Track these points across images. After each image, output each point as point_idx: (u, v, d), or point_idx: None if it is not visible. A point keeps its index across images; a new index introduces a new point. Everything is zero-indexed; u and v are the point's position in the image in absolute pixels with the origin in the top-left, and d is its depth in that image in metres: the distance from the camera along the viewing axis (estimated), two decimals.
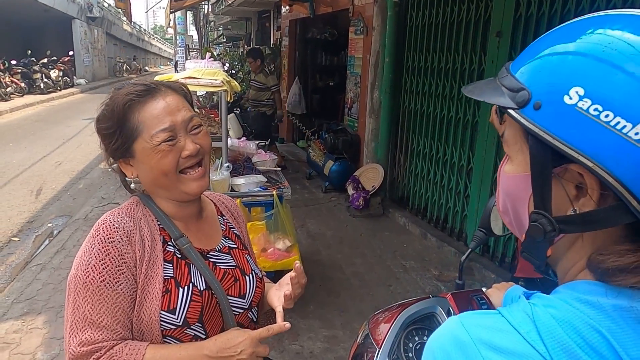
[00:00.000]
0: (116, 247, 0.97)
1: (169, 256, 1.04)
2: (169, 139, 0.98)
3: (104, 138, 1.03)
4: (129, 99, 0.99)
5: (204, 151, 1.04)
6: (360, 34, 6.17)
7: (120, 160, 1.05)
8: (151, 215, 1.06)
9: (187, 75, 3.00)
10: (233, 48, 18.26)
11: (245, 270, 1.16)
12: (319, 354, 2.93)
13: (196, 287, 1.03)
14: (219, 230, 1.19)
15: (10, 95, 14.35)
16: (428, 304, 1.03)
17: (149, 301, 0.99)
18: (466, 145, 4.35)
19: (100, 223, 1.01)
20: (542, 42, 0.57)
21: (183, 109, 1.03)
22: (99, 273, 0.96)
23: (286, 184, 3.36)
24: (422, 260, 4.32)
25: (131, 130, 0.99)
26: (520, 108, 0.55)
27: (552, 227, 0.55)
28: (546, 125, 0.52)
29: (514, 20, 3.66)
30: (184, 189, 1.02)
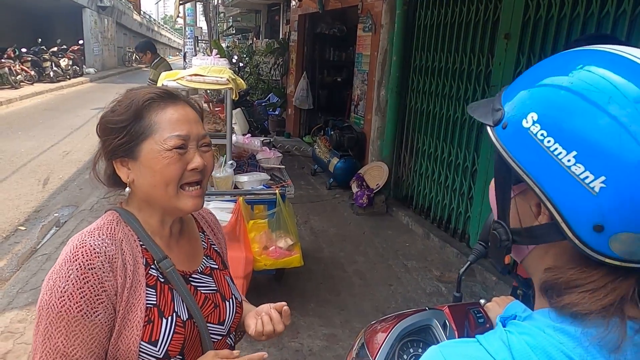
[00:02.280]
0: (96, 275, 0.90)
1: (152, 280, 0.98)
2: (181, 147, 0.95)
3: (110, 132, 0.97)
4: (150, 97, 0.97)
5: (207, 171, 1.01)
6: (368, 31, 6.14)
7: (118, 160, 0.98)
8: (133, 235, 0.99)
9: (193, 72, 3.01)
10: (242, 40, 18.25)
11: (226, 294, 1.12)
12: (318, 352, 2.95)
13: (179, 317, 0.98)
14: (201, 248, 1.14)
15: (20, 83, 14.43)
16: (424, 316, 1.04)
17: (129, 330, 0.93)
18: (471, 147, 4.34)
19: (78, 245, 0.91)
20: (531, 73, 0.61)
21: (199, 124, 1.02)
22: (75, 302, 0.88)
23: (289, 183, 3.37)
24: (424, 261, 4.33)
25: (144, 128, 0.95)
26: (494, 126, 0.60)
27: (506, 236, 0.61)
28: (507, 144, 0.57)
29: (523, 22, 3.64)
30: (179, 204, 0.97)
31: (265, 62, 11.58)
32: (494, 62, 3.98)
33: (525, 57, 3.61)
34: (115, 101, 1.01)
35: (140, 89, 1.02)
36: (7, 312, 3.18)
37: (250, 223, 3.01)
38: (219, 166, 3.14)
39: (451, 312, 1.09)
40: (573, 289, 0.54)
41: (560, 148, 0.51)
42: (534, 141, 0.53)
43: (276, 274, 3.55)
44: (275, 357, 2.86)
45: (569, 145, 0.51)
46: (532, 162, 0.54)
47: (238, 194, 3.02)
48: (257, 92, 10.92)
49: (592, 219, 0.50)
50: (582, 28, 3.18)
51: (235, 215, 2.88)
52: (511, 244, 0.61)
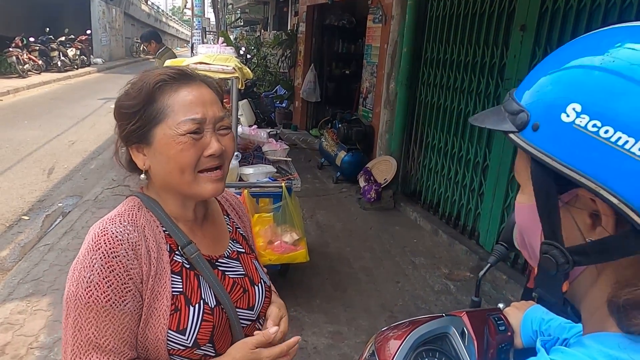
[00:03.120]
0: (121, 263, 0.87)
1: (177, 267, 0.95)
2: (195, 131, 0.89)
3: (123, 117, 0.93)
4: (161, 79, 0.91)
5: (227, 155, 0.95)
6: (378, 22, 6.02)
7: (134, 146, 0.95)
8: (155, 221, 0.96)
9: (199, 60, 2.93)
10: (250, 32, 18.13)
11: (254, 279, 1.08)
12: (323, 350, 2.88)
13: (207, 304, 0.95)
14: (226, 232, 1.10)
15: (27, 73, 14.42)
16: (441, 323, 0.96)
17: (156, 319, 0.90)
18: (483, 142, 4.23)
19: (99, 234, 0.89)
20: (541, 66, 0.54)
21: (216, 105, 0.95)
22: (103, 292, 0.86)
23: (296, 176, 3.29)
24: (432, 258, 4.24)
25: (156, 112, 0.90)
26: (520, 131, 0.51)
27: (564, 258, 0.50)
28: (545, 146, 0.48)
29: (540, 13, 3.51)
30: (198, 189, 0.93)
31: (272, 54, 11.48)
32: (508, 55, 3.85)
33: (542, 49, 3.48)
34: (129, 83, 0.96)
35: (155, 69, 0.96)
36: (7, 303, 3.13)
37: (255, 217, 2.93)
38: None
39: (470, 318, 1.00)
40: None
41: (625, 136, 0.43)
42: (585, 135, 0.45)
43: (281, 269, 3.48)
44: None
45: (635, 132, 0.43)
46: (589, 160, 0.45)
47: (243, 187, 2.94)
48: (264, 84, 10.84)
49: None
50: (603, 20, 3.05)
51: None
52: (572, 267, 0.51)
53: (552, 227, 0.51)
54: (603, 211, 0.47)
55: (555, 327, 0.96)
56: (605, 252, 0.48)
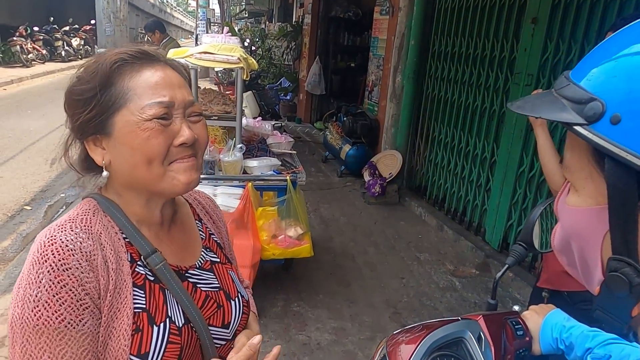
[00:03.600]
0: (74, 276, 0.73)
1: (140, 280, 0.81)
2: (163, 117, 0.78)
3: (76, 105, 0.80)
4: (119, 58, 0.79)
5: (200, 146, 0.84)
6: (385, 14, 5.93)
7: (90, 139, 0.81)
8: (114, 227, 0.82)
9: (203, 49, 2.87)
10: (255, 24, 18.01)
11: (231, 293, 0.95)
12: (326, 346, 2.84)
13: (174, 322, 0.82)
14: (198, 239, 0.97)
15: (31, 62, 14.39)
16: (456, 327, 0.90)
17: (115, 341, 0.77)
18: (491, 137, 4.16)
19: (46, 243, 0.75)
20: (611, 43, 0.45)
21: (185, 88, 0.84)
22: (55, 312, 0.72)
23: (301, 169, 3.23)
24: (437, 254, 4.19)
25: (116, 97, 0.78)
26: (591, 123, 0.43)
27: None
28: (630, 143, 0.40)
29: (552, 5, 3.42)
30: (169, 183, 0.80)
31: (277, 46, 11.39)
32: (518, 48, 3.77)
33: (554, 43, 3.40)
34: (82, 67, 0.82)
35: (111, 49, 0.83)
36: (7, 295, 3.10)
37: (259, 210, 2.88)
38: (227, 150, 3.01)
39: (486, 322, 0.95)
40: None
41: None
42: None
43: (284, 264, 3.44)
44: (282, 350, 2.75)
45: None
46: None
47: (247, 180, 2.89)
48: (268, 76, 10.76)
49: None
50: (619, 13, 2.97)
51: (244, 201, 2.75)
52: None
53: (625, 239, 0.44)
54: None
55: (577, 336, 0.91)
56: None
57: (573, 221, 0.50)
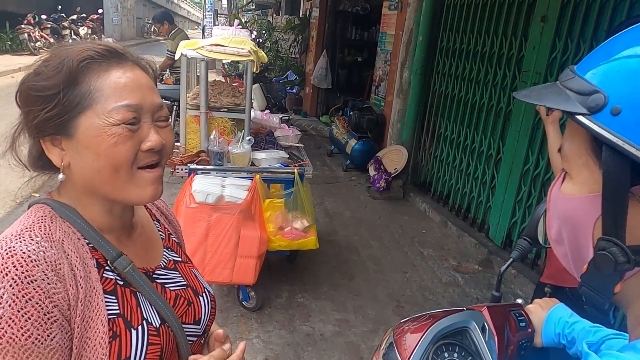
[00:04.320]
0: (40, 288, 0.68)
1: (110, 285, 0.78)
2: (131, 122, 0.74)
3: (35, 102, 0.74)
4: (87, 56, 0.74)
5: (166, 151, 0.81)
6: (394, 9, 5.93)
7: (47, 138, 0.76)
8: (75, 232, 0.78)
9: (214, 42, 2.89)
10: (262, 16, 17.97)
11: (198, 289, 0.95)
12: (329, 337, 2.89)
13: (151, 324, 0.80)
14: (159, 240, 0.96)
15: (39, 50, 14.39)
16: (461, 317, 0.94)
17: (91, 351, 0.73)
18: (497, 134, 4.17)
19: (4, 255, 0.68)
20: (618, 41, 0.49)
21: (153, 91, 0.80)
22: (20, 328, 0.66)
23: (308, 162, 3.27)
24: (440, 249, 4.22)
25: (81, 97, 0.73)
26: (592, 114, 0.46)
27: (625, 257, 0.46)
28: (628, 133, 0.44)
29: (562, 4, 3.42)
30: (135, 192, 0.78)
31: (284, 39, 11.38)
32: (527, 46, 3.78)
33: (562, 41, 3.41)
34: (41, 60, 0.77)
35: (75, 44, 0.78)
36: None
37: (266, 202, 2.91)
38: (236, 142, 3.04)
39: (490, 313, 0.99)
40: None
41: None
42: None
43: (289, 255, 3.48)
44: (285, 340, 2.81)
45: None
46: None
47: (255, 172, 2.93)
48: (275, 69, 10.76)
49: None
50: (628, 12, 2.97)
51: (251, 193, 2.79)
52: (632, 267, 0.47)
53: (615, 222, 0.47)
54: None
55: (579, 331, 0.94)
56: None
57: (567, 209, 0.53)
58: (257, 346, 2.74)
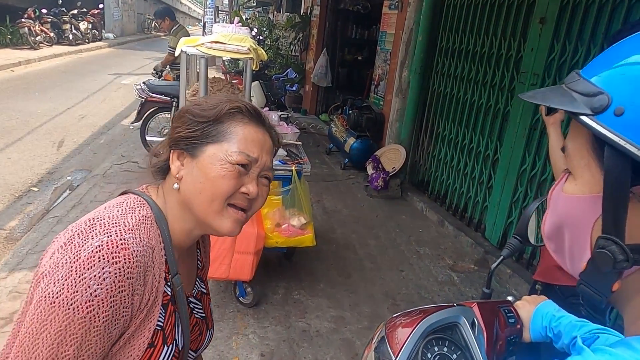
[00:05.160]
0: (132, 286, 0.78)
1: (166, 299, 0.87)
2: (244, 165, 0.88)
3: (185, 121, 0.90)
4: (237, 107, 0.91)
5: (257, 205, 0.93)
6: (394, 8, 5.95)
7: (177, 150, 0.91)
8: (160, 243, 0.87)
9: (214, 39, 2.91)
10: (263, 13, 17.96)
11: (209, 324, 1.06)
12: (325, 334, 2.91)
13: (177, 346, 0.89)
14: (195, 268, 1.05)
15: (39, 45, 14.40)
16: (451, 313, 0.96)
17: (130, 350, 0.82)
18: (494, 135, 4.20)
19: (118, 244, 0.77)
20: (624, 46, 0.50)
21: (271, 155, 0.95)
22: (104, 311, 0.75)
23: (306, 160, 3.28)
24: (437, 248, 4.25)
25: (217, 132, 0.88)
26: (596, 114, 0.48)
27: (624, 255, 0.47)
28: (629, 134, 0.45)
29: (561, 6, 3.45)
30: (218, 222, 0.89)
31: (285, 37, 11.38)
32: (525, 48, 3.80)
33: (560, 43, 3.43)
34: (205, 97, 0.99)
35: (232, 97, 0.96)
36: (16, 272, 3.18)
37: None
38: None
39: (480, 309, 1.01)
40: None
41: None
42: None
43: (287, 252, 3.50)
44: (281, 336, 2.83)
45: None
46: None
47: None
48: (275, 66, 10.77)
49: None
50: (626, 16, 3.00)
51: None
52: (631, 265, 0.48)
53: (615, 221, 0.48)
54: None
55: (565, 325, 0.96)
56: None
57: (568, 207, 0.54)
58: (253, 342, 2.76)
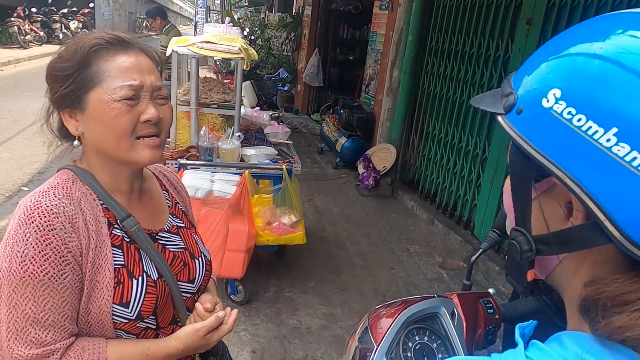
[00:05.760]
0: (58, 235, 0.84)
1: (117, 241, 0.93)
2: (131, 98, 0.88)
3: (55, 80, 0.90)
4: (97, 43, 0.89)
5: (164, 125, 0.94)
6: (385, 9, 6.00)
7: (66, 110, 0.92)
8: (92, 194, 0.93)
9: (205, 39, 2.93)
10: (254, 13, 17.96)
11: (195, 253, 1.10)
12: (316, 331, 2.95)
13: (150, 277, 0.95)
14: (165, 207, 1.10)
15: (28, 44, 14.30)
16: (432, 303, 1.00)
17: (99, 292, 0.89)
18: (483, 134, 4.26)
19: (32, 207, 0.84)
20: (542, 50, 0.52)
21: (154, 74, 0.93)
22: (40, 266, 0.83)
23: (297, 159, 3.32)
24: (427, 246, 4.30)
25: (90, 76, 0.88)
26: (506, 113, 0.50)
27: (528, 246, 0.50)
28: (525, 131, 0.47)
29: (547, 8, 3.51)
30: (135, 156, 0.91)
31: (276, 37, 11.41)
32: (513, 48, 3.86)
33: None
34: (63, 46, 0.93)
35: (90, 34, 0.93)
36: None
37: (255, 197, 2.97)
38: (226, 138, 3.09)
39: (460, 300, 1.05)
40: (623, 307, 0.42)
41: (596, 126, 0.41)
42: (560, 122, 0.44)
43: (278, 250, 3.53)
44: (272, 333, 2.86)
45: (606, 122, 0.41)
46: (560, 148, 0.44)
47: (244, 167, 2.98)
48: (267, 66, 10.78)
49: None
50: None
51: (240, 188, 2.83)
52: (535, 255, 0.50)
53: (522, 214, 0.51)
54: (575, 202, 0.46)
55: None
56: (564, 244, 0.47)
57: (505, 201, 0.58)
58: (244, 339, 2.79)
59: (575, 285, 0.50)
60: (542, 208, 0.50)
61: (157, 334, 0.99)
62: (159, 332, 1.00)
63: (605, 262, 0.47)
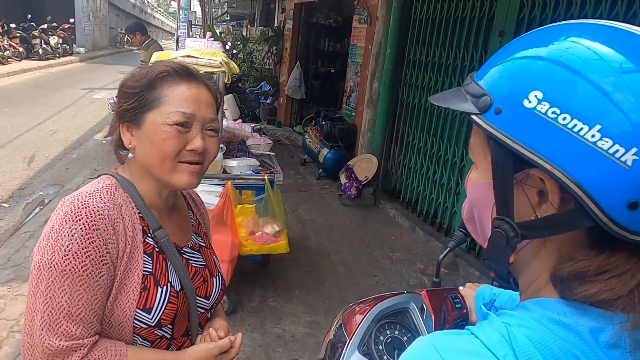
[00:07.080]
0: (100, 236, 0.90)
1: (149, 249, 1.00)
2: (182, 124, 0.95)
3: (123, 96, 0.99)
4: (165, 70, 0.97)
5: (209, 156, 1.01)
6: (364, 23, 6.13)
7: (125, 124, 1.00)
8: (131, 202, 0.99)
9: (186, 53, 2.99)
10: (236, 27, 18.08)
11: (213, 271, 1.16)
12: (300, 339, 2.98)
13: (173, 287, 1.01)
14: (190, 225, 1.17)
15: (7, 59, 14.16)
16: (402, 299, 1.06)
17: (125, 295, 0.94)
18: (460, 142, 4.37)
19: (80, 205, 0.90)
20: (503, 51, 0.58)
21: (210, 107, 1.01)
22: (81, 262, 0.88)
23: (278, 169, 3.37)
24: (408, 253, 4.37)
25: (153, 98, 0.96)
26: (482, 113, 0.55)
27: (514, 232, 0.55)
28: (506, 129, 0.53)
29: (517, 21, 3.66)
30: (174, 178, 0.97)
31: (258, 50, 11.48)
32: (486, 59, 3.98)
33: None
34: (138, 67, 1.03)
35: (164, 62, 1.03)
36: None
37: (237, 208, 3.00)
38: None
39: (429, 296, 1.11)
40: (599, 276, 0.51)
41: (581, 124, 0.48)
42: (545, 121, 0.50)
43: (262, 260, 3.56)
44: (257, 342, 2.89)
45: (589, 120, 0.48)
46: (546, 144, 0.50)
47: (227, 178, 3.02)
48: (249, 79, 10.85)
49: (626, 197, 0.47)
50: None
51: (223, 199, 2.88)
52: (520, 240, 0.55)
53: (505, 204, 0.56)
54: (550, 189, 0.52)
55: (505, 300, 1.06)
56: (552, 227, 0.53)
57: (473, 192, 0.63)
58: None
59: (538, 262, 0.58)
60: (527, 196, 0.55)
61: (169, 344, 1.04)
62: (172, 343, 1.05)
63: (568, 241, 0.54)
